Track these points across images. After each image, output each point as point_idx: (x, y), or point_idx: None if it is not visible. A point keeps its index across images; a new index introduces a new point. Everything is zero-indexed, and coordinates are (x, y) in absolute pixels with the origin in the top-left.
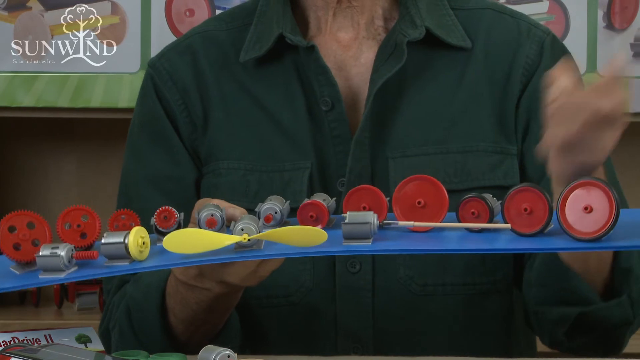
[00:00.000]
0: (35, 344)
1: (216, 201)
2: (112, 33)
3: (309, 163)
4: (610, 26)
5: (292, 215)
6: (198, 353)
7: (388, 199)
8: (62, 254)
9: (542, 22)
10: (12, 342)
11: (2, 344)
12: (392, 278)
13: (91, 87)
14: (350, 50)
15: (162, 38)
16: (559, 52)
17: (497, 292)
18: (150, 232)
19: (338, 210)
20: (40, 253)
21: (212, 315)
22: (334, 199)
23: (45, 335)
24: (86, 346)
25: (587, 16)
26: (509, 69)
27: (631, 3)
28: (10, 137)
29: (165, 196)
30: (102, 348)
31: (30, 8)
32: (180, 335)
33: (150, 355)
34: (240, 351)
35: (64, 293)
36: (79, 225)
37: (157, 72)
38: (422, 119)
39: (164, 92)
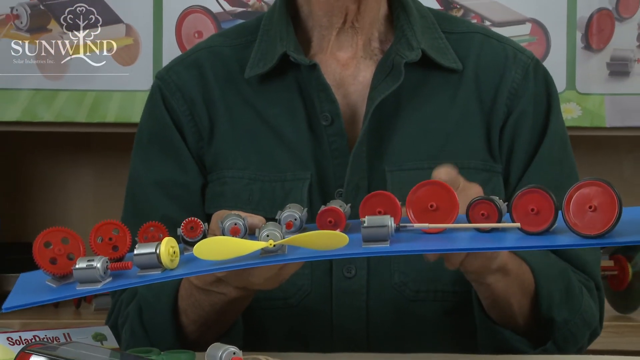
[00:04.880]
0: (55, 342)
1: (234, 212)
2: (127, 53)
3: (308, 174)
4: (588, 47)
5: (309, 222)
6: (198, 350)
7: (401, 203)
8: (98, 265)
9: (524, 43)
10: (33, 340)
11: (24, 341)
12: (386, 283)
13: (107, 104)
14: (348, 69)
15: (172, 57)
16: (542, 77)
17: None
18: (177, 242)
19: (353, 216)
20: (77, 266)
21: (223, 317)
22: (349, 205)
23: (64, 334)
24: (102, 344)
25: (567, 37)
26: (495, 92)
27: (607, 25)
28: (31, 150)
29: (171, 201)
30: (117, 346)
31: (51, 30)
32: (190, 335)
33: (162, 352)
34: (241, 349)
35: None
36: (110, 239)
37: (165, 84)
38: (417, 135)
39: (172, 103)
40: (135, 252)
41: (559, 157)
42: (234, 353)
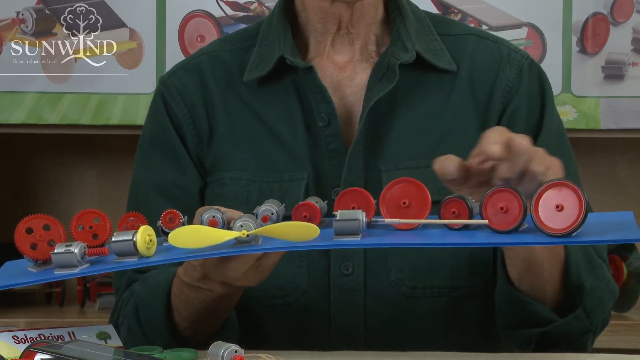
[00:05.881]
0: (60, 341)
1: (214, 206)
2: (130, 57)
3: (305, 174)
4: (583, 50)
5: (287, 219)
6: (200, 348)
7: (375, 200)
8: (76, 250)
9: (521, 47)
10: (38, 339)
11: (29, 340)
12: (383, 280)
13: (111, 106)
14: (345, 71)
15: (175, 61)
16: (536, 75)
17: (479, 295)
18: (157, 234)
19: (330, 213)
20: (56, 250)
21: (213, 314)
22: (326, 201)
23: (68, 333)
24: (106, 342)
25: (562, 41)
26: (490, 91)
27: (602, 30)
28: (37, 152)
29: (171, 202)
30: (120, 344)
31: (56, 34)
32: (183, 332)
33: (164, 351)
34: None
35: (87, 294)
36: (91, 227)
37: (167, 88)
38: (412, 135)
39: (173, 107)
40: (113, 239)
41: (555, 154)
42: (236, 351)
